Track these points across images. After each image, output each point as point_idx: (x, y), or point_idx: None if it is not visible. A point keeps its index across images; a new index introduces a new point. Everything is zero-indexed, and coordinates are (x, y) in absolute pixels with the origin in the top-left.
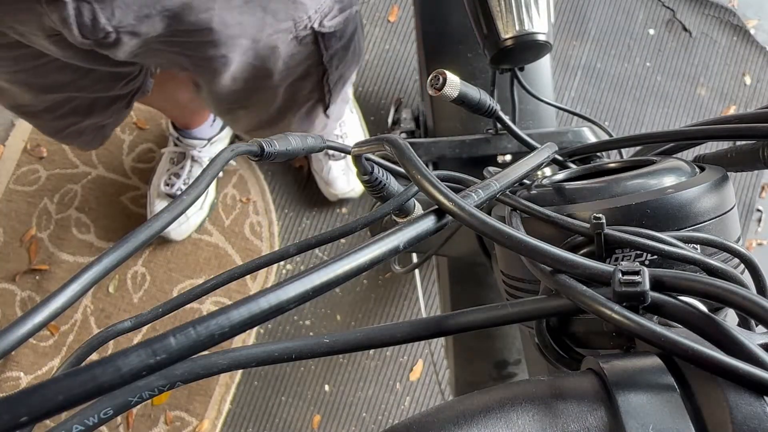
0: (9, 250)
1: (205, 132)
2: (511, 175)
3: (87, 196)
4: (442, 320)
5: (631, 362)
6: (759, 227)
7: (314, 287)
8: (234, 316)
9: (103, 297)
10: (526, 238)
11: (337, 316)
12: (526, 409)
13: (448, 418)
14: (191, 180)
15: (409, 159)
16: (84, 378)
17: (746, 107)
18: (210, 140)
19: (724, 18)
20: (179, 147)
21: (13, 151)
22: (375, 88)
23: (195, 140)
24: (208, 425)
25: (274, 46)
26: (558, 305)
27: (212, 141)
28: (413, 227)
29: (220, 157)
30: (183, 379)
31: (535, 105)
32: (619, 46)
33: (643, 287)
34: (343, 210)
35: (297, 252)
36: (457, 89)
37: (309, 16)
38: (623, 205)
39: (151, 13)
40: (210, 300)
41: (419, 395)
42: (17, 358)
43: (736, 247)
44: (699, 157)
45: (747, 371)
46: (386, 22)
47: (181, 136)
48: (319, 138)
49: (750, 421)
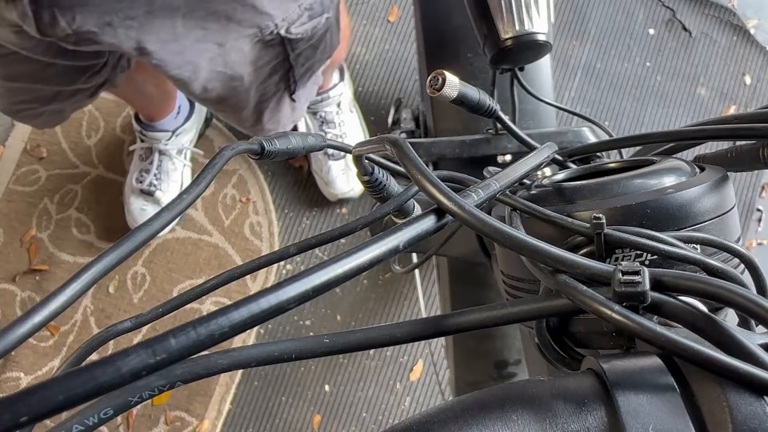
0: (9, 250)
1: (169, 124)
2: (510, 174)
3: (87, 196)
4: (442, 320)
5: (631, 362)
6: (759, 227)
7: (314, 287)
8: (234, 316)
9: (103, 297)
10: (526, 238)
11: (337, 316)
12: (526, 409)
13: (448, 418)
14: (161, 173)
15: (410, 158)
16: (84, 378)
17: (746, 107)
18: (174, 132)
19: (724, 18)
20: (145, 142)
21: (13, 152)
22: (375, 88)
23: (159, 133)
24: (208, 425)
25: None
26: (558, 305)
27: (177, 133)
28: (413, 227)
29: (221, 156)
30: (183, 379)
31: (535, 105)
32: (619, 46)
33: (643, 287)
34: (343, 210)
35: (297, 252)
36: (457, 89)
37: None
38: (623, 205)
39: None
40: (210, 300)
41: (419, 395)
42: (17, 358)
43: (736, 247)
44: (699, 157)
45: (747, 371)
46: (386, 22)
47: (145, 130)
48: (320, 137)
49: (750, 421)
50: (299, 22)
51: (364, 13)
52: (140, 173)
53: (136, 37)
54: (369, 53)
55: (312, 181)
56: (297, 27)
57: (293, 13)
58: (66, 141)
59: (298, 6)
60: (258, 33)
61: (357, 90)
